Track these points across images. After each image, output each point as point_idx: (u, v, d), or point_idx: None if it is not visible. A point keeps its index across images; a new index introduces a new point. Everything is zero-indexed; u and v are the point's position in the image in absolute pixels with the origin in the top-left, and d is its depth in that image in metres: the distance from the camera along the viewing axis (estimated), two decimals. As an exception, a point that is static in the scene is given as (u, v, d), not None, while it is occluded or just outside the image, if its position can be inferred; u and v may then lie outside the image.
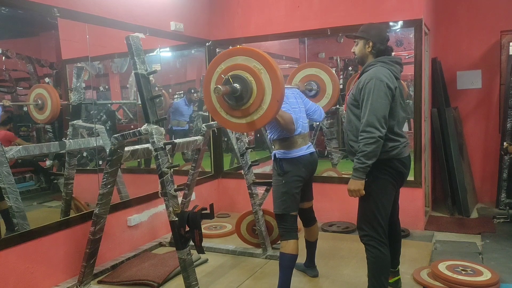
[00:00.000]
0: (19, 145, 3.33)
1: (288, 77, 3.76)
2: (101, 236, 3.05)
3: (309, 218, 3.21)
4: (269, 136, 3.00)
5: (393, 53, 2.68)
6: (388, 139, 2.47)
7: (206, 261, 3.67)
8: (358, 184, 2.45)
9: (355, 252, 3.68)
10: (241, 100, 2.34)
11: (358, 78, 2.60)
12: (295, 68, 3.80)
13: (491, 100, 5.19)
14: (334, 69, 5.67)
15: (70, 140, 3.66)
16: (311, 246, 3.28)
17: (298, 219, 2.99)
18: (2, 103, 3.54)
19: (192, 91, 5.53)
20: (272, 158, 2.95)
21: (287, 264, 2.80)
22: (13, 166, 3.23)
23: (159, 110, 2.49)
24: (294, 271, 3.36)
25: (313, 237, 3.25)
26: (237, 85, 2.31)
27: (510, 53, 5.03)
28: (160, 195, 2.59)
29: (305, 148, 2.91)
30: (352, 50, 2.71)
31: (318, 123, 5.25)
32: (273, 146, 3.00)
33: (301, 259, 3.37)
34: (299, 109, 2.96)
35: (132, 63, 2.69)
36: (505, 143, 4.31)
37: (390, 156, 2.50)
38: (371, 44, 2.58)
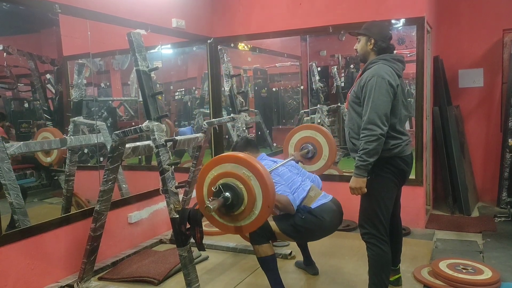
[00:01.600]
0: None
1: (285, 140, 3.80)
2: (101, 233, 3.06)
3: None
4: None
5: (395, 51, 2.67)
6: (390, 137, 2.47)
7: (206, 258, 3.67)
8: (360, 182, 2.44)
9: (356, 250, 3.67)
10: (232, 208, 2.32)
11: (360, 75, 2.60)
12: (290, 131, 3.83)
13: (493, 99, 5.17)
14: (335, 66, 5.68)
15: (71, 137, 3.66)
16: (302, 243, 3.27)
17: None
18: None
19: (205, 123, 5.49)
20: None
21: (269, 267, 2.77)
22: (13, 163, 3.22)
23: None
24: (295, 269, 3.39)
25: None
26: (228, 194, 2.30)
27: (512, 52, 5.02)
28: (161, 192, 2.59)
29: (323, 197, 2.89)
30: (354, 47, 2.71)
31: (319, 121, 5.25)
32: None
33: (302, 256, 3.37)
34: (296, 180, 2.91)
35: (133, 59, 2.68)
36: (510, 140, 4.29)
37: (392, 154, 2.50)
38: (373, 41, 2.57)
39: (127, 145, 2.84)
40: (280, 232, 2.78)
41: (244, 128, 3.97)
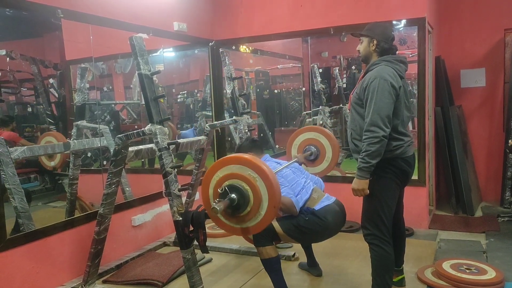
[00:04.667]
0: (23, 145, 3.34)
1: (288, 142, 3.82)
2: (105, 236, 3.07)
3: None
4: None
5: (397, 52, 2.68)
6: (392, 138, 2.47)
7: (210, 260, 3.68)
8: (362, 184, 2.45)
9: (359, 251, 3.68)
10: (238, 209, 2.32)
11: (363, 77, 2.60)
12: (293, 132, 3.86)
13: (495, 99, 5.17)
14: (337, 68, 5.68)
15: (75, 141, 3.67)
16: (305, 244, 3.27)
17: None
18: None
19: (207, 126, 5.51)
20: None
21: (273, 268, 2.76)
22: (17, 167, 3.24)
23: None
24: (298, 270, 3.39)
25: None
26: (234, 196, 2.30)
27: (514, 51, 5.01)
28: (164, 195, 2.60)
29: (326, 199, 2.90)
30: (357, 48, 2.71)
31: (321, 122, 5.26)
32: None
33: (305, 257, 3.38)
34: (299, 181, 2.92)
35: (135, 63, 2.70)
36: (510, 141, 4.29)
37: (394, 155, 2.50)
38: (375, 42, 2.58)
39: (130, 148, 2.85)
40: (284, 233, 2.79)
41: (247, 130, 3.98)
